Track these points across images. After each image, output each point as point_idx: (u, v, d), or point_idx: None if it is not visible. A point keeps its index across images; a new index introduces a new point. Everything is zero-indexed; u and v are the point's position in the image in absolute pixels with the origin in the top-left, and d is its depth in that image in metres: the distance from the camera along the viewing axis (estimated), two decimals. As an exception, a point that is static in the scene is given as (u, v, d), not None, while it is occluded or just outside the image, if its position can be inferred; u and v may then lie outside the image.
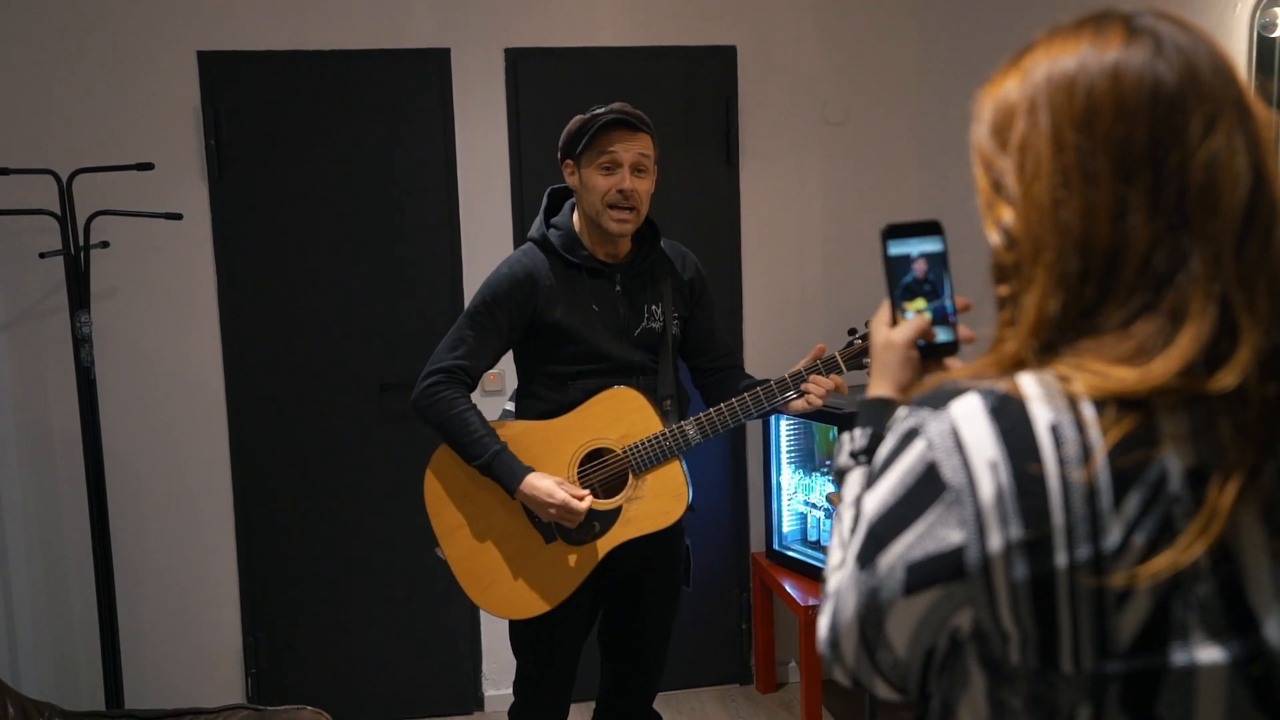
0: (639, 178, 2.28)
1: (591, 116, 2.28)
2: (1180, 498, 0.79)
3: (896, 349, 1.07)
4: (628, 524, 2.32)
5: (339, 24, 3.35)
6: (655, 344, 2.39)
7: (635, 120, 2.27)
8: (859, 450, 1.06)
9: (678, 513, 2.33)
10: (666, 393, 2.38)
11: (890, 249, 1.09)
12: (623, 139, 2.26)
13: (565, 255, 2.33)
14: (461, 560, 2.36)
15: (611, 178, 2.26)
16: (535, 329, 2.33)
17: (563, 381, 2.34)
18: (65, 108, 3.25)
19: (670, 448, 2.29)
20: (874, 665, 0.92)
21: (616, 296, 2.36)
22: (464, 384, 2.31)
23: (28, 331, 3.30)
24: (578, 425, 2.33)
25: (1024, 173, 0.85)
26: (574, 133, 2.31)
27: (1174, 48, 0.82)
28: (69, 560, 3.37)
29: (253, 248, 3.38)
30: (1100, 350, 0.82)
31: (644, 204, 2.30)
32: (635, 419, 2.32)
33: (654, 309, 2.39)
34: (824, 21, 3.60)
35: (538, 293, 2.30)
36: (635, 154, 2.26)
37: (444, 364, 2.30)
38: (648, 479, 2.32)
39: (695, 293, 2.48)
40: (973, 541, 0.82)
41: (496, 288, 2.32)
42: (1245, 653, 0.80)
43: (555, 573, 2.33)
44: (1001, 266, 0.88)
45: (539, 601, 2.33)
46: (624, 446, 2.31)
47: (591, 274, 2.34)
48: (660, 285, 2.41)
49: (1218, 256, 0.79)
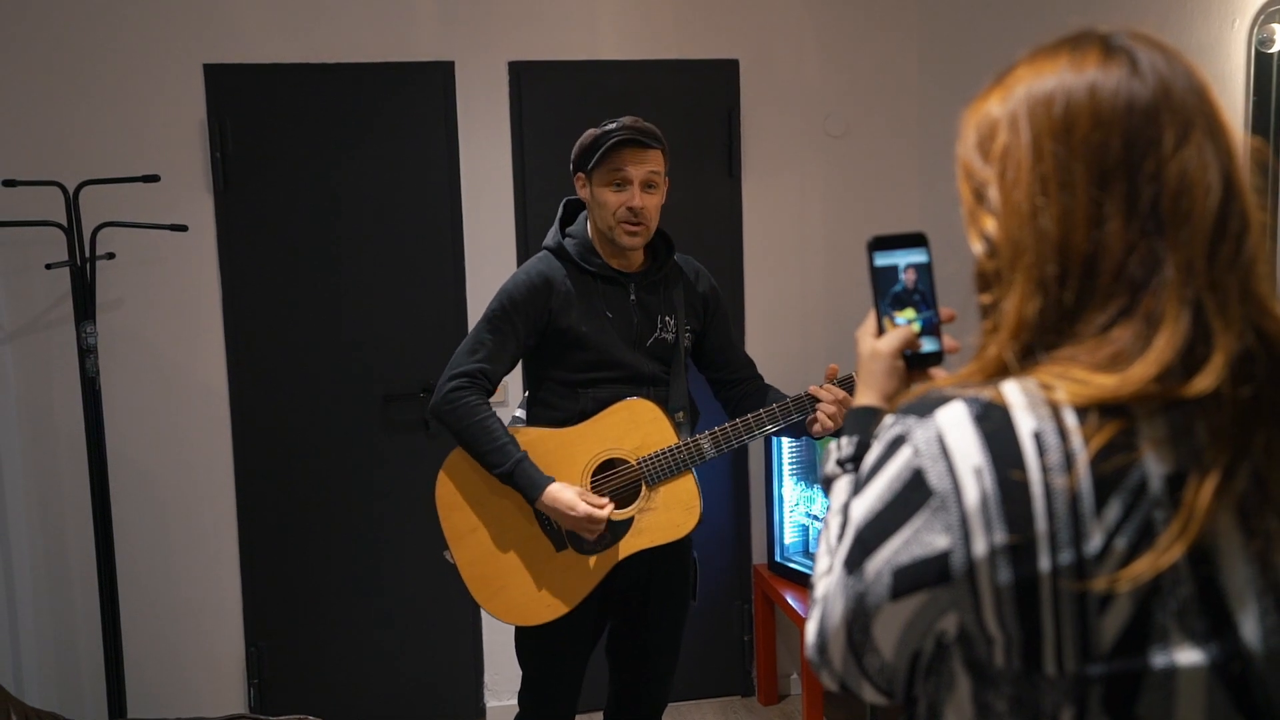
0: (649, 194, 2.30)
1: (603, 133, 2.30)
2: (1160, 502, 0.81)
3: (882, 359, 1.09)
4: (639, 535, 2.32)
5: (343, 37, 3.38)
6: (668, 355, 2.41)
7: (645, 138, 2.28)
8: (846, 458, 1.08)
9: (689, 525, 2.33)
10: (679, 405, 2.39)
11: (876, 260, 1.10)
12: (633, 157, 2.28)
13: (581, 263, 2.35)
14: (471, 565, 2.36)
15: (621, 194, 2.28)
16: (550, 334, 2.34)
17: (574, 389, 2.35)
18: (72, 120, 3.28)
19: (684, 460, 2.30)
20: (861, 669, 0.93)
21: (631, 305, 2.37)
22: (484, 389, 2.31)
23: (34, 342, 3.33)
24: (593, 435, 2.33)
25: (1004, 181, 0.88)
26: (586, 148, 2.33)
27: (1149, 66, 0.85)
28: (73, 569, 3.39)
29: (257, 259, 3.41)
30: (1080, 356, 0.84)
31: (653, 219, 2.33)
32: (650, 430, 2.32)
33: (667, 320, 2.41)
34: (825, 35, 3.63)
35: (554, 298, 2.32)
36: (645, 172, 2.29)
37: (465, 368, 2.30)
38: (660, 491, 2.32)
39: (709, 306, 2.50)
40: (958, 546, 0.83)
41: (514, 293, 2.33)
42: (1223, 654, 0.81)
43: (564, 581, 2.33)
44: (984, 275, 0.91)
45: (546, 609, 2.33)
46: (638, 458, 2.31)
47: (607, 282, 2.36)
48: (674, 297, 2.43)
49: (1190, 263, 0.82)
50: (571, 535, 2.32)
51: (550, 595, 2.33)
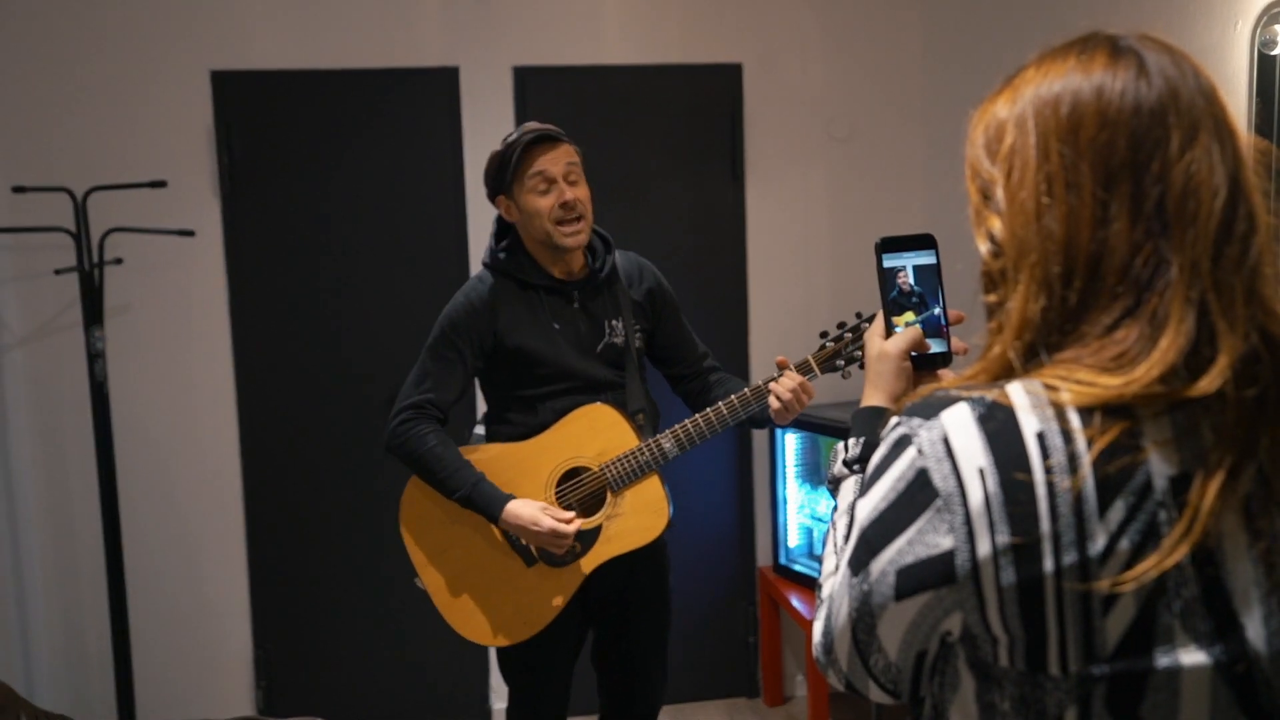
0: (575, 187, 2.26)
1: (508, 145, 2.26)
2: (1165, 503, 0.81)
3: (890, 360, 1.09)
4: (608, 542, 2.29)
5: (349, 44, 3.39)
6: (619, 359, 2.36)
7: (551, 133, 2.25)
8: (852, 460, 1.09)
9: (659, 528, 2.29)
10: (637, 406, 2.34)
11: (885, 262, 1.11)
12: (546, 153, 2.24)
13: (520, 277, 2.31)
14: (442, 590, 2.34)
15: (549, 196, 2.23)
16: (499, 354, 2.30)
17: (532, 404, 2.31)
18: (80, 126, 3.29)
19: (647, 462, 2.26)
20: (867, 669, 0.93)
21: (576, 313, 2.33)
22: (434, 418, 2.28)
23: (42, 347, 3.35)
24: (553, 445, 2.30)
25: (1010, 181, 0.88)
26: (497, 166, 2.28)
27: (1157, 68, 0.85)
28: (82, 572, 3.40)
29: (264, 264, 3.42)
30: (1085, 357, 0.84)
31: (589, 211, 2.28)
32: (610, 435, 2.28)
33: (614, 324, 2.36)
34: (828, 39, 3.63)
35: (498, 318, 2.28)
36: (563, 164, 2.25)
37: (411, 400, 2.28)
38: (626, 495, 2.29)
39: (657, 303, 2.43)
40: (962, 547, 0.83)
41: (454, 317, 2.29)
42: (1228, 655, 0.81)
43: (539, 597, 2.30)
44: (990, 275, 0.91)
45: (524, 627, 2.31)
46: (600, 464, 2.28)
47: (549, 293, 2.32)
48: (619, 299, 2.38)
49: (1196, 264, 0.82)
50: (541, 549, 2.29)
51: (526, 612, 2.31)
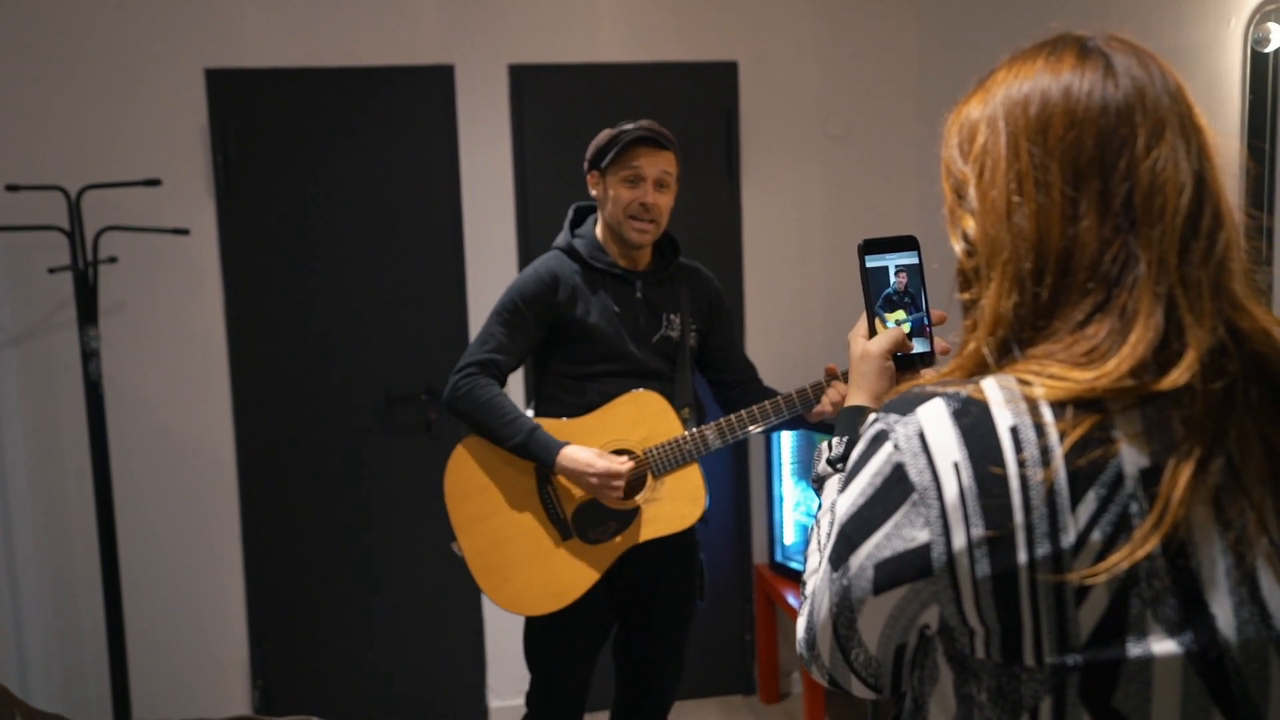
0: (660, 193, 2.38)
1: (620, 131, 2.38)
2: (1136, 495, 0.82)
3: (873, 359, 1.11)
4: (645, 525, 2.36)
5: (345, 42, 3.40)
6: (673, 352, 2.46)
7: (660, 138, 2.37)
8: (836, 458, 1.10)
9: (694, 516, 2.37)
10: (684, 401, 2.43)
11: (867, 262, 1.12)
12: (648, 155, 2.36)
13: (589, 260, 2.41)
14: (477, 555, 2.39)
15: (634, 191, 2.36)
16: (558, 328, 2.40)
17: (580, 382, 2.40)
18: (74, 125, 3.30)
19: (690, 451, 2.34)
20: (849, 663, 0.94)
21: (637, 302, 2.43)
22: (494, 376, 2.37)
23: (37, 345, 3.35)
24: (600, 425, 2.37)
25: (982, 180, 0.90)
26: (601, 146, 2.41)
27: (1123, 68, 0.88)
28: (77, 571, 3.41)
29: (259, 263, 3.42)
30: (1057, 352, 0.85)
31: (664, 217, 2.40)
32: (657, 421, 2.37)
33: (672, 318, 2.47)
34: (825, 37, 3.64)
35: (561, 291, 2.38)
36: (659, 170, 2.36)
37: (476, 358, 2.37)
38: (666, 481, 2.36)
39: (714, 308, 2.56)
40: (938, 540, 0.84)
41: (524, 288, 2.40)
42: (1199, 644, 0.82)
43: (571, 570, 2.36)
44: (964, 273, 0.93)
45: (553, 599, 2.36)
46: (645, 449, 2.35)
47: (614, 279, 2.43)
48: (679, 296, 2.49)
49: (1163, 259, 0.84)
50: (578, 524, 2.34)
51: (556, 585, 2.36)
